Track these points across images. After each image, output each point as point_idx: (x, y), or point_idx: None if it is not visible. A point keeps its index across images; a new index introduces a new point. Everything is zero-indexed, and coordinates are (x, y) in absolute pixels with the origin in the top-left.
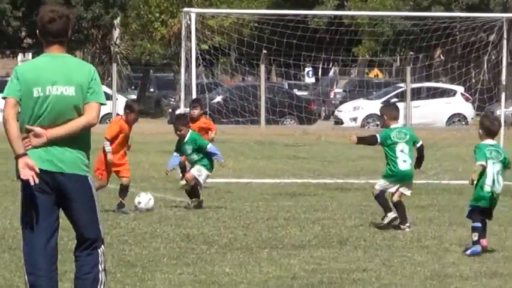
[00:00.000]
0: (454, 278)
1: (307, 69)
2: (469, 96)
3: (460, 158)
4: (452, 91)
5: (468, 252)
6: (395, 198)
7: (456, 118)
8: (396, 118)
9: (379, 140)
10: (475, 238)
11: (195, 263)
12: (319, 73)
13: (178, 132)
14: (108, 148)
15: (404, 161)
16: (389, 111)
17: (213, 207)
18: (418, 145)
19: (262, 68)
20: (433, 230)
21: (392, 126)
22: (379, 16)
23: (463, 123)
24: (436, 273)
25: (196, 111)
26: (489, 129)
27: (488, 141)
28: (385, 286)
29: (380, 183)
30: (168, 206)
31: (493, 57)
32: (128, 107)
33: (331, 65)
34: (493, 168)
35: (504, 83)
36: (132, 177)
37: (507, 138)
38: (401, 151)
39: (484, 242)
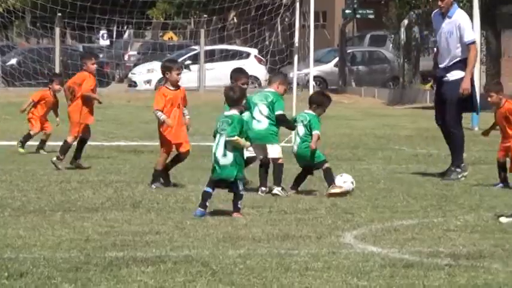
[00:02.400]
0: (246, 240)
1: (101, 32)
2: (262, 58)
3: None
4: (245, 53)
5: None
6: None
7: (250, 80)
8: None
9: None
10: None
11: None
12: (114, 36)
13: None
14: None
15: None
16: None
17: (6, 170)
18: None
19: (57, 31)
20: (228, 193)
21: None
22: None
23: (256, 85)
24: (229, 236)
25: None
26: (227, 97)
27: (231, 111)
28: (177, 248)
29: None
30: None
31: (286, 20)
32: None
33: (125, 27)
34: (219, 140)
35: (297, 45)
36: None
37: (301, 100)
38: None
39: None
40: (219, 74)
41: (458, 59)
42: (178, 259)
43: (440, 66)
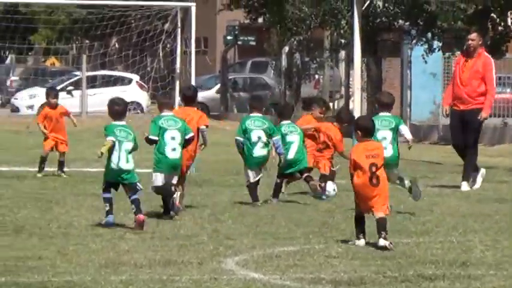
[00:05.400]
0: (128, 266)
1: None
2: (144, 84)
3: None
4: (127, 79)
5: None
6: None
7: (132, 106)
8: None
9: None
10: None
11: None
12: None
13: None
14: None
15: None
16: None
17: None
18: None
19: None
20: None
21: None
22: (55, 4)
23: (139, 111)
24: (111, 261)
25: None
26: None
27: (118, 122)
28: (60, 274)
29: None
30: None
31: (168, 46)
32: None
33: (7, 53)
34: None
35: (178, 71)
36: None
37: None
38: None
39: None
40: (101, 99)
41: None
42: (61, 285)
43: None
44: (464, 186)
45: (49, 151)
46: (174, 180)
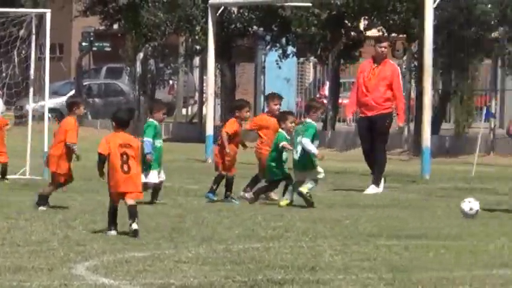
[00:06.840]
0: None
1: None
2: None
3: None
4: None
5: None
6: None
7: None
8: None
9: None
10: None
11: None
12: None
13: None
14: None
15: None
16: None
17: None
18: None
19: None
20: None
21: None
22: None
23: None
24: None
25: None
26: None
27: None
28: None
29: None
30: None
31: (23, 52)
32: None
33: None
34: None
35: (33, 77)
36: None
37: (38, 132)
38: None
39: None
40: None
41: None
42: None
43: None
44: (371, 189)
45: None
46: None
